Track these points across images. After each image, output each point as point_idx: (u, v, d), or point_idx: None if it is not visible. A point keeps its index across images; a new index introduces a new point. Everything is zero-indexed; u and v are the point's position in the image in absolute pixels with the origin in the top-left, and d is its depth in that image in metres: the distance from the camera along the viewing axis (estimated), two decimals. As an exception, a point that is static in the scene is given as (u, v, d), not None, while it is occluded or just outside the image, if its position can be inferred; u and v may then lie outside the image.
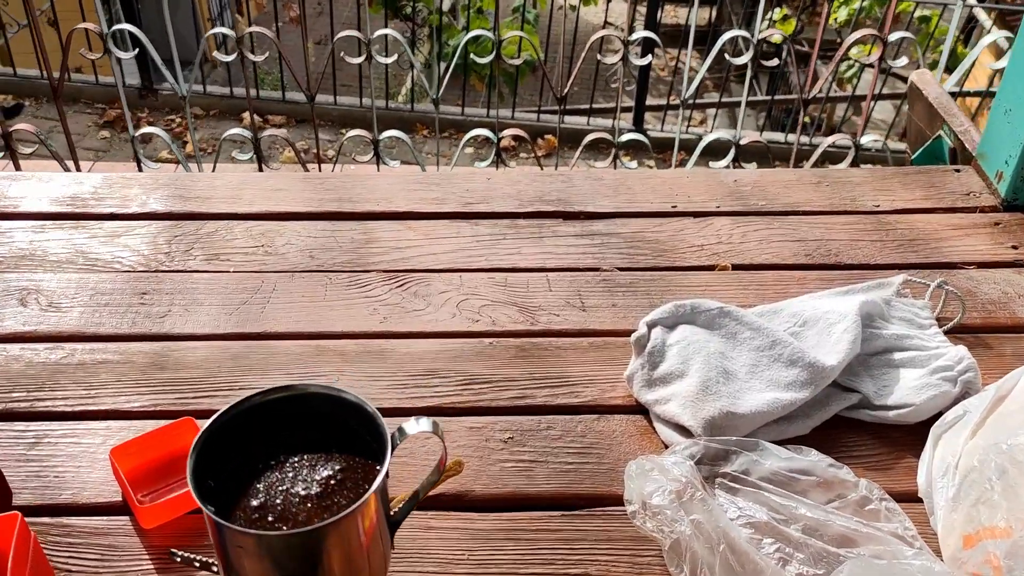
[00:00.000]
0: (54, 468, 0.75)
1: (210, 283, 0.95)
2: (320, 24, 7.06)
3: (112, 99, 4.88)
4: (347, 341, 0.88)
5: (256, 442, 0.46)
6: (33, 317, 0.89)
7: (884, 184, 1.07)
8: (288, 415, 0.44)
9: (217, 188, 1.08)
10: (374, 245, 1.01)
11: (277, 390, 0.40)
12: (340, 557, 0.44)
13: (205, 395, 0.82)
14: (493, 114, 5.07)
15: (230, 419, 0.44)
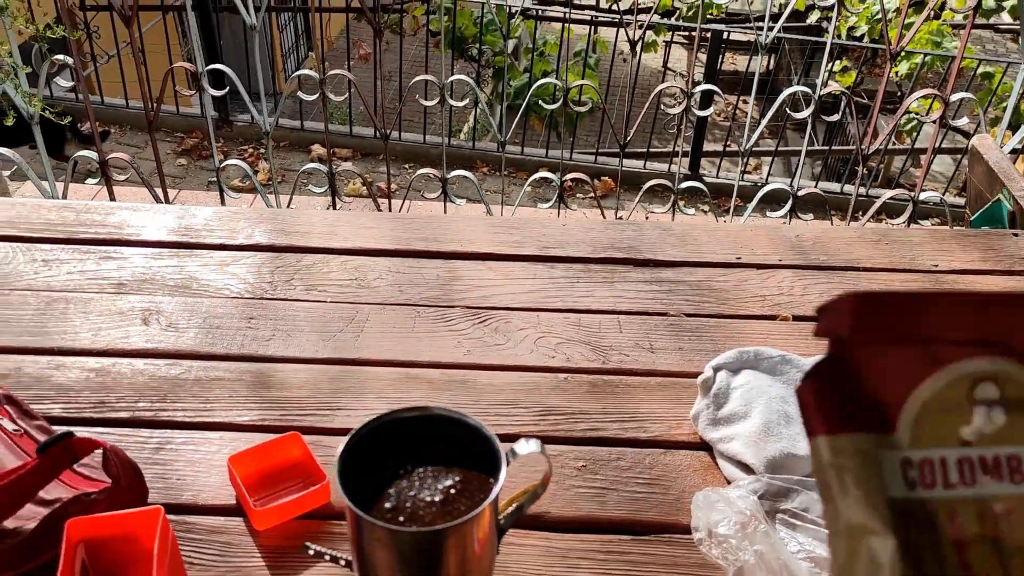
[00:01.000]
0: (176, 471, 0.84)
1: (309, 311, 1.04)
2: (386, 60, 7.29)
3: (190, 129, 5.12)
4: (434, 370, 0.97)
5: (389, 454, 0.53)
6: (155, 335, 0.99)
7: (943, 245, 1.13)
8: (416, 432, 0.52)
9: (315, 224, 1.18)
10: (458, 283, 1.10)
11: (409, 410, 0.47)
12: (457, 556, 0.51)
13: (307, 413, 0.91)
14: (552, 154, 5.19)
15: (368, 432, 0.52)
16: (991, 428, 0.28)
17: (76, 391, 0.91)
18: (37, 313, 1.01)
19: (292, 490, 0.83)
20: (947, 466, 0.28)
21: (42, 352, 0.96)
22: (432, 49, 5.80)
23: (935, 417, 0.29)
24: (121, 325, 1.01)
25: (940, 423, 0.28)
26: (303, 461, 0.84)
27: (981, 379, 0.28)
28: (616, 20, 5.59)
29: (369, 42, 7.39)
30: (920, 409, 0.29)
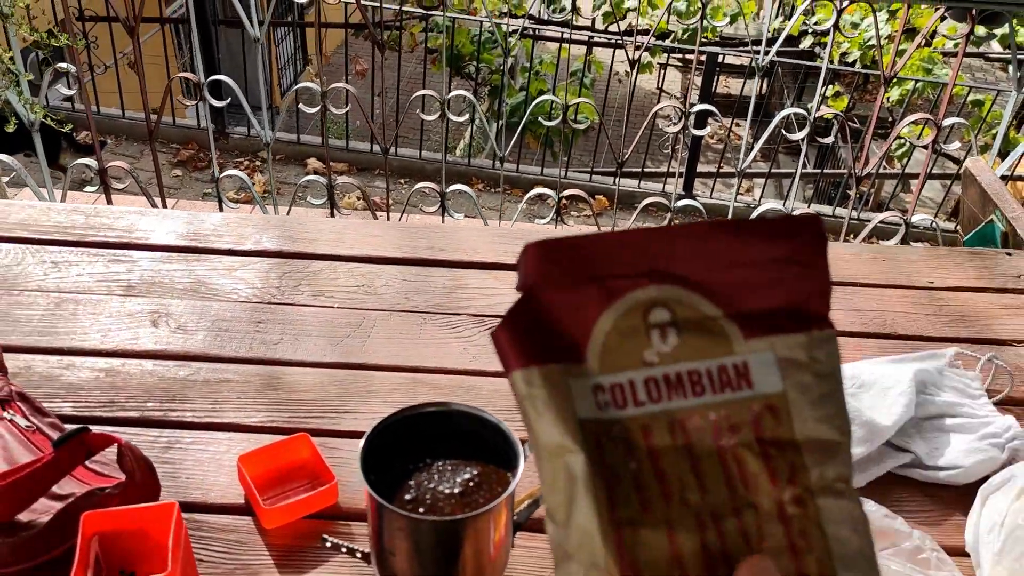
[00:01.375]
0: (185, 470, 0.85)
1: (316, 316, 1.06)
2: (383, 76, 7.34)
3: (185, 140, 5.13)
4: (440, 376, 0.98)
5: (409, 447, 0.55)
6: (164, 337, 1.00)
7: (938, 263, 1.15)
8: (436, 427, 0.53)
9: (322, 231, 1.20)
10: (464, 291, 1.11)
11: (430, 405, 0.49)
12: (474, 547, 0.53)
13: (314, 415, 0.92)
14: (548, 172, 5.22)
15: (390, 426, 0.53)
16: (668, 348, 0.31)
17: (86, 390, 0.92)
18: (47, 313, 1.02)
19: (300, 490, 0.84)
20: (635, 387, 0.31)
21: (52, 352, 0.97)
22: (429, 66, 5.85)
23: (618, 345, 0.31)
24: (130, 326, 1.02)
25: (623, 350, 0.31)
26: (311, 462, 0.86)
27: (652, 305, 0.31)
28: (612, 41, 5.65)
29: (366, 58, 7.43)
30: (604, 339, 0.31)
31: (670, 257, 0.31)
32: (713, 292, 0.31)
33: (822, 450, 0.31)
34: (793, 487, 0.31)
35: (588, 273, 0.32)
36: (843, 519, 0.31)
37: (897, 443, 0.87)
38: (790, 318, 0.32)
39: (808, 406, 0.32)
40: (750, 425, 0.31)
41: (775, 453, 0.31)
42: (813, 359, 0.32)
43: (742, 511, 0.31)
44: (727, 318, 0.31)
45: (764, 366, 0.32)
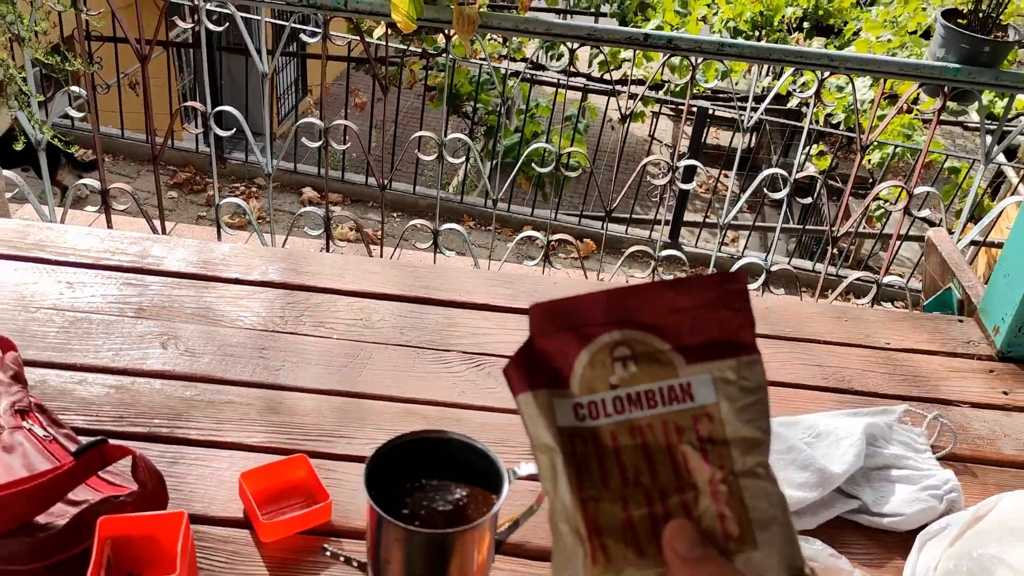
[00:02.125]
0: (188, 484, 0.91)
1: (317, 346, 1.13)
2: (380, 109, 7.47)
3: (183, 163, 5.20)
4: (430, 407, 1.05)
5: (407, 468, 0.61)
6: (172, 359, 1.07)
7: (896, 325, 1.24)
8: (432, 451, 0.60)
9: (324, 266, 1.27)
10: (455, 329, 1.19)
11: (428, 432, 0.55)
12: (461, 559, 0.59)
13: (312, 438, 0.99)
14: (538, 213, 5.33)
15: (391, 448, 0.60)
16: (628, 374, 0.42)
17: (97, 405, 0.99)
18: (61, 331, 1.09)
19: (297, 507, 0.91)
20: (605, 404, 0.42)
21: (66, 367, 1.04)
22: (427, 103, 5.97)
23: (591, 374, 0.43)
24: (140, 347, 1.08)
25: (595, 377, 0.42)
26: (308, 481, 0.92)
27: (616, 345, 0.42)
28: (607, 89, 5.80)
29: (365, 91, 7.55)
30: (581, 371, 0.42)
31: (629, 309, 0.42)
32: (662, 332, 0.42)
33: (746, 445, 0.41)
34: (721, 471, 0.41)
35: (570, 324, 0.43)
36: (760, 494, 0.41)
37: (847, 490, 0.94)
38: (723, 348, 0.42)
39: (736, 413, 0.41)
40: (692, 428, 0.42)
41: (710, 448, 0.41)
42: (741, 377, 0.42)
43: (684, 490, 0.41)
44: (673, 350, 0.42)
45: (703, 384, 0.42)
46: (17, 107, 2.20)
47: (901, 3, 6.05)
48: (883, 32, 5.59)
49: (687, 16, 7.07)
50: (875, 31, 5.61)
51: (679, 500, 0.41)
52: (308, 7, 2.24)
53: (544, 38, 2.37)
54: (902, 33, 5.55)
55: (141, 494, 0.79)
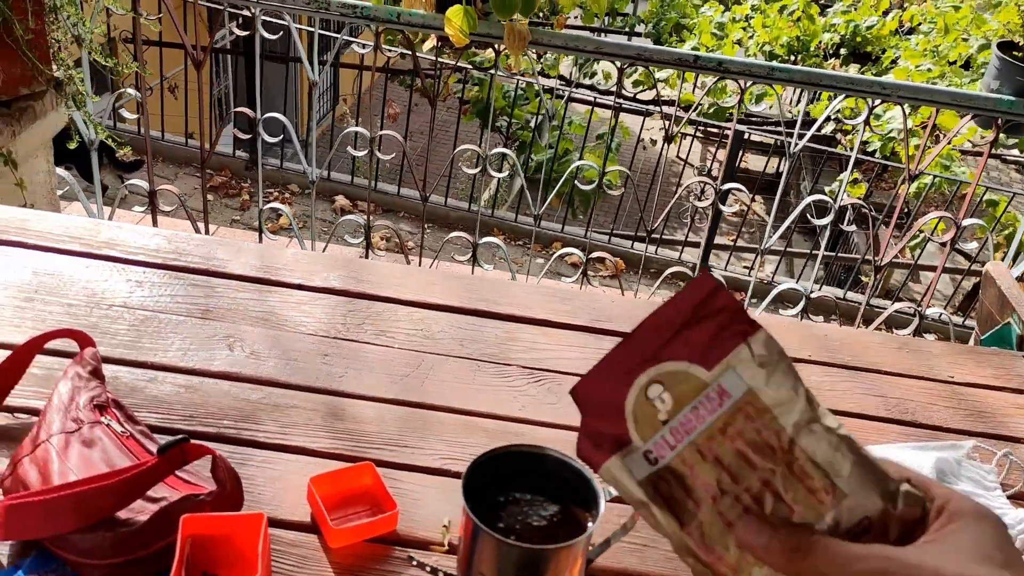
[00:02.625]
0: (257, 487, 0.92)
1: (378, 355, 1.13)
2: (412, 121, 7.53)
3: (219, 167, 5.27)
4: (492, 421, 1.05)
5: (500, 481, 0.62)
6: (238, 361, 1.08)
7: (959, 359, 1.23)
8: (524, 465, 0.60)
9: (384, 276, 1.28)
10: (515, 344, 1.19)
11: (522, 446, 0.56)
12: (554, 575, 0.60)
13: (375, 447, 0.99)
14: (567, 230, 5.34)
15: (485, 461, 0.61)
16: (670, 405, 0.46)
17: (168, 403, 1.00)
18: (132, 328, 1.10)
19: (363, 514, 0.91)
20: (666, 440, 0.46)
21: (137, 365, 1.05)
22: (461, 116, 6.00)
23: (643, 421, 0.47)
24: (207, 348, 1.09)
25: (647, 423, 0.47)
26: (374, 489, 0.92)
27: (646, 387, 0.46)
28: (641, 109, 5.81)
29: (399, 102, 7.62)
30: (634, 425, 0.47)
31: (638, 354, 0.47)
32: (674, 355, 0.46)
33: (782, 405, 0.45)
34: (781, 443, 0.45)
35: (605, 396, 0.48)
36: (821, 446, 0.44)
37: (915, 523, 0.93)
38: (729, 339, 0.46)
39: (765, 385, 0.45)
40: (743, 419, 0.45)
41: (762, 426, 0.45)
42: (756, 355, 0.45)
43: (765, 477, 0.45)
44: (692, 365, 0.46)
45: (730, 379, 0.46)
46: (74, 107, 2.24)
47: (941, 33, 6.03)
48: (923, 61, 5.56)
49: (723, 39, 7.09)
50: (915, 60, 5.59)
51: (765, 489, 0.45)
52: (361, 18, 2.27)
53: (594, 56, 2.38)
54: (942, 63, 5.52)
55: (220, 494, 0.80)
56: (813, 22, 7.13)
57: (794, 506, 0.44)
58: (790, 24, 7.10)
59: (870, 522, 0.43)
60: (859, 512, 0.43)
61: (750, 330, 0.46)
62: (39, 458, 0.83)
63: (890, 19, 6.84)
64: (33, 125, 2.12)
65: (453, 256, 2.76)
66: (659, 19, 7.88)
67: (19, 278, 1.15)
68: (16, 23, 1.97)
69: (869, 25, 6.89)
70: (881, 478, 0.44)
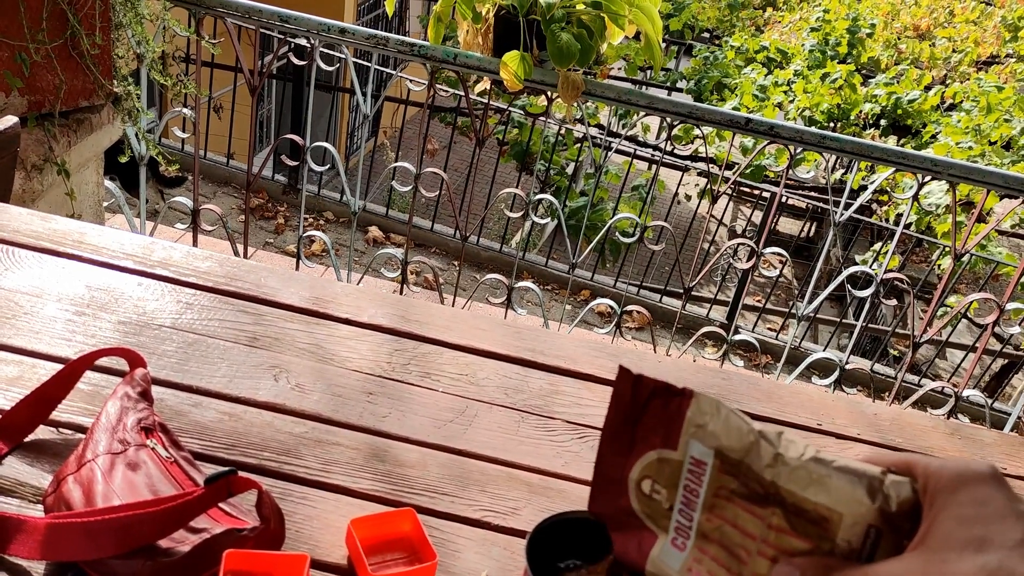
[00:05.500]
0: (295, 524, 0.90)
1: (422, 397, 1.12)
2: (442, 156, 7.60)
3: (256, 189, 5.32)
4: (534, 475, 1.03)
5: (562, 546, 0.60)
6: (282, 392, 1.07)
7: (1013, 451, 1.20)
8: (589, 532, 0.59)
9: (432, 316, 1.27)
10: (559, 396, 1.17)
11: (584, 512, 0.55)
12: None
13: (416, 492, 0.98)
14: (597, 279, 5.33)
15: (548, 525, 0.59)
16: (665, 492, 0.48)
17: (211, 431, 0.99)
18: (179, 350, 1.10)
19: (400, 562, 0.89)
20: (679, 522, 0.49)
21: (182, 388, 1.04)
22: (501, 158, 6.05)
23: (655, 515, 0.50)
24: (253, 376, 1.09)
25: (657, 515, 0.49)
26: (413, 536, 0.91)
27: (638, 484, 0.49)
28: (680, 165, 5.83)
29: (436, 138, 7.70)
30: (649, 522, 0.50)
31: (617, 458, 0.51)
32: (644, 448, 0.50)
33: (748, 452, 0.46)
34: (766, 488, 0.45)
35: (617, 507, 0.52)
36: (799, 477, 0.44)
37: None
38: (674, 417, 0.48)
39: (725, 441, 0.46)
40: (727, 478, 0.47)
41: (744, 479, 0.46)
42: (702, 419, 0.47)
43: (773, 524, 0.46)
44: (661, 448, 0.49)
45: (697, 449, 0.48)
46: (129, 122, 2.28)
47: (983, 112, 6.03)
48: (964, 139, 5.55)
49: (764, 101, 7.13)
50: (956, 137, 5.58)
51: (780, 534, 0.46)
52: (419, 57, 2.30)
53: (645, 110, 2.39)
54: (983, 142, 5.51)
55: (264, 530, 0.79)
56: (855, 91, 7.15)
57: (808, 541, 0.44)
58: (832, 92, 7.13)
59: (877, 530, 0.43)
60: (861, 524, 0.43)
61: (685, 401, 0.48)
62: (84, 478, 0.82)
63: (932, 94, 6.85)
64: (88, 137, 2.15)
65: (487, 298, 2.75)
66: (702, 77, 7.94)
67: (72, 291, 1.16)
68: (84, 37, 2.02)
69: (911, 99, 6.90)
70: (862, 477, 0.44)
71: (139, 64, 2.36)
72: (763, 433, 0.47)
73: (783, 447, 0.47)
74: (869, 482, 0.44)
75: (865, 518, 0.44)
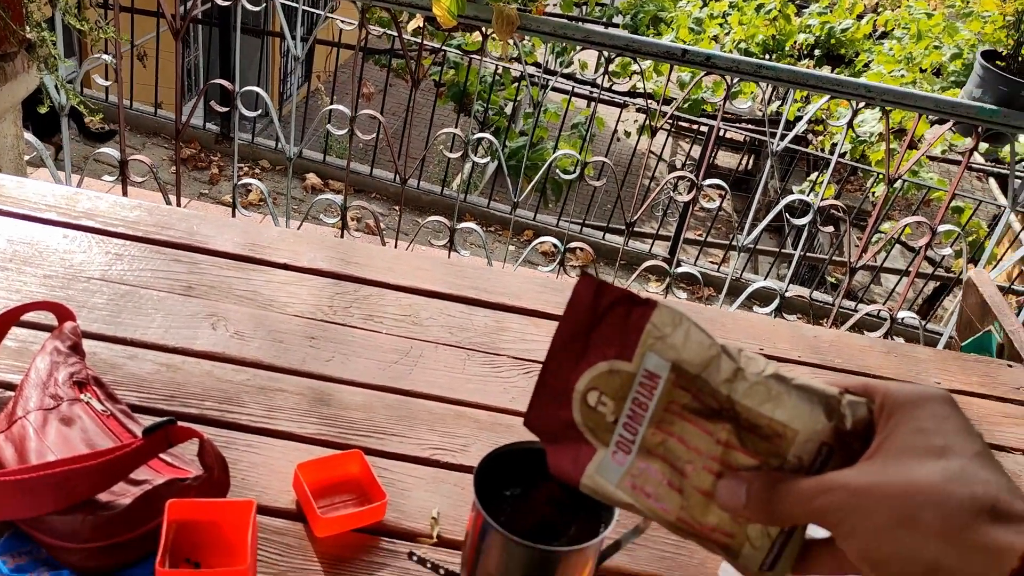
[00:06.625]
0: (240, 471, 0.89)
1: (366, 339, 1.11)
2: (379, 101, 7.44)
3: (188, 139, 5.15)
4: (482, 412, 1.03)
5: (509, 477, 0.60)
6: (221, 340, 1.05)
7: (945, 365, 1.24)
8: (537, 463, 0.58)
9: (373, 258, 1.25)
10: (505, 333, 1.17)
11: (535, 443, 0.54)
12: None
13: (364, 434, 0.97)
14: (539, 218, 5.32)
15: (499, 455, 0.59)
16: (611, 404, 0.47)
17: (148, 382, 0.96)
18: (110, 303, 1.06)
19: (350, 503, 0.89)
20: (622, 436, 0.48)
21: (116, 341, 1.01)
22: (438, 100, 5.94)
23: (597, 428, 0.48)
24: (190, 326, 1.06)
25: (600, 427, 0.48)
26: (362, 478, 0.90)
27: (584, 395, 0.48)
28: (619, 101, 5.80)
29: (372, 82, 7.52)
30: (589, 434, 0.48)
31: (565, 368, 0.49)
32: (595, 358, 0.48)
33: (707, 367, 0.45)
34: (721, 403, 0.45)
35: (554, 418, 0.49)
36: (755, 392, 0.44)
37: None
38: (634, 327, 0.47)
39: (683, 355, 0.45)
40: (680, 393, 0.46)
41: (698, 393, 0.45)
42: (663, 330, 0.46)
43: (722, 440, 0.45)
44: (614, 360, 0.47)
45: (653, 362, 0.47)
46: (46, 70, 2.16)
47: (914, 39, 6.11)
48: (896, 67, 5.63)
49: (700, 34, 7.10)
50: (888, 65, 5.66)
51: (728, 449, 0.45)
52: (349, -6, 2.21)
53: (581, 44, 2.36)
54: (914, 70, 5.60)
55: (207, 479, 0.77)
56: (789, 22, 7.17)
57: (757, 458, 0.45)
58: (766, 23, 7.13)
59: (829, 447, 0.43)
60: (815, 441, 0.43)
61: (648, 310, 0.47)
62: (15, 435, 0.79)
63: (864, 23, 6.91)
64: (3, 87, 2.04)
65: (429, 240, 2.73)
66: (637, 11, 7.86)
67: (-8, 246, 1.10)
68: (-12, -20, 1.90)
69: (844, 28, 6.94)
70: (820, 396, 0.44)
71: (53, 9, 2.23)
72: (725, 348, 0.46)
73: (744, 362, 0.45)
74: (827, 401, 0.44)
75: (819, 435, 0.44)
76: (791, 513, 0.43)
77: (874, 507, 0.39)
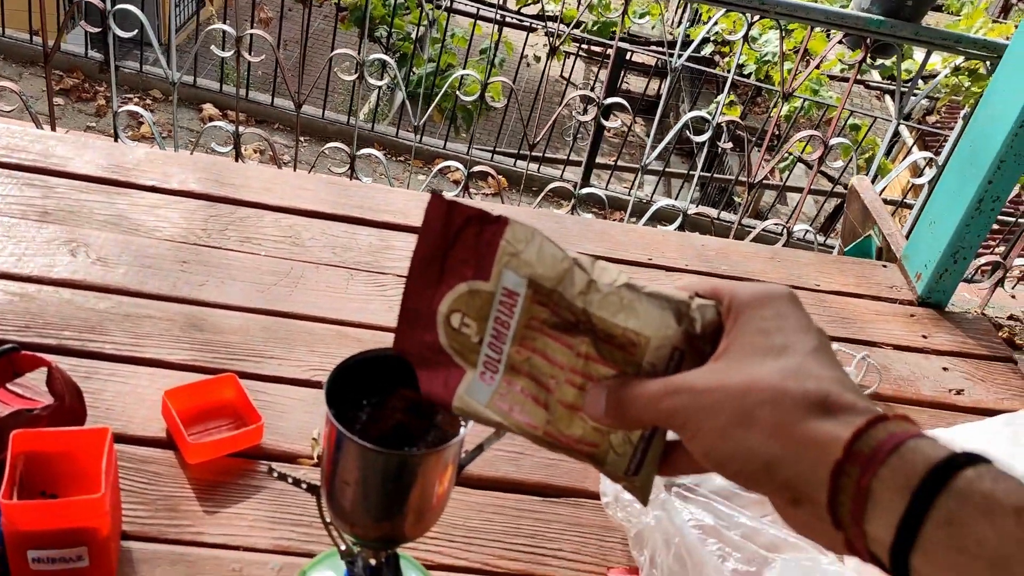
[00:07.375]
0: (105, 401, 0.85)
1: (243, 262, 1.06)
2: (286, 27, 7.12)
3: (70, 67, 4.84)
4: (364, 331, 1.01)
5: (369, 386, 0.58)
6: (82, 267, 0.99)
7: (825, 268, 1.27)
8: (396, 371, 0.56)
9: (251, 179, 1.20)
10: (390, 252, 1.14)
11: (390, 350, 0.52)
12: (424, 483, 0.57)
13: (239, 358, 0.93)
14: (450, 146, 5.23)
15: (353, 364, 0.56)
16: (473, 324, 0.47)
17: (0, 313, 0.90)
18: (-45, 231, 0.99)
19: (225, 428, 0.86)
20: (488, 356, 0.47)
21: (-38, 271, 0.94)
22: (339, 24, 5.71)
23: (463, 350, 0.48)
24: (46, 253, 0.99)
25: (466, 349, 0.47)
26: (237, 402, 0.87)
27: (447, 318, 0.47)
28: (526, 24, 5.70)
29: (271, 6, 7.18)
30: (457, 358, 0.48)
31: (425, 291, 0.48)
32: (453, 280, 0.47)
33: (561, 281, 0.45)
34: (577, 316, 0.45)
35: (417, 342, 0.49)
36: (610, 303, 0.44)
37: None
38: (487, 246, 0.45)
39: (538, 270, 0.45)
40: (539, 308, 0.46)
41: (555, 307, 0.45)
42: (516, 246, 0.45)
43: (582, 352, 0.45)
44: (472, 280, 0.46)
45: (510, 279, 0.46)
46: None
47: (816, -40, 6.15)
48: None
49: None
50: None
51: (587, 361, 0.45)
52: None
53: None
54: (816, -11, 5.64)
55: (58, 408, 0.73)
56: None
57: (615, 368, 0.45)
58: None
59: (680, 352, 0.44)
60: (666, 347, 0.43)
61: (500, 227, 0.45)
62: None
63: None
64: None
65: (330, 169, 2.64)
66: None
67: None
68: None
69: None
70: (670, 301, 0.44)
71: None
72: (577, 260, 0.45)
73: (596, 274, 0.44)
74: (676, 306, 0.44)
75: (671, 340, 0.43)
76: (640, 417, 0.43)
77: (715, 407, 0.39)
